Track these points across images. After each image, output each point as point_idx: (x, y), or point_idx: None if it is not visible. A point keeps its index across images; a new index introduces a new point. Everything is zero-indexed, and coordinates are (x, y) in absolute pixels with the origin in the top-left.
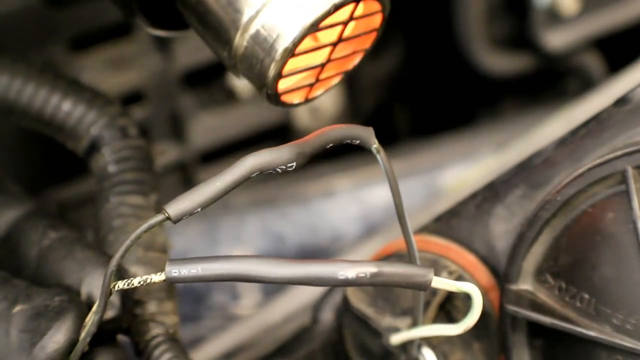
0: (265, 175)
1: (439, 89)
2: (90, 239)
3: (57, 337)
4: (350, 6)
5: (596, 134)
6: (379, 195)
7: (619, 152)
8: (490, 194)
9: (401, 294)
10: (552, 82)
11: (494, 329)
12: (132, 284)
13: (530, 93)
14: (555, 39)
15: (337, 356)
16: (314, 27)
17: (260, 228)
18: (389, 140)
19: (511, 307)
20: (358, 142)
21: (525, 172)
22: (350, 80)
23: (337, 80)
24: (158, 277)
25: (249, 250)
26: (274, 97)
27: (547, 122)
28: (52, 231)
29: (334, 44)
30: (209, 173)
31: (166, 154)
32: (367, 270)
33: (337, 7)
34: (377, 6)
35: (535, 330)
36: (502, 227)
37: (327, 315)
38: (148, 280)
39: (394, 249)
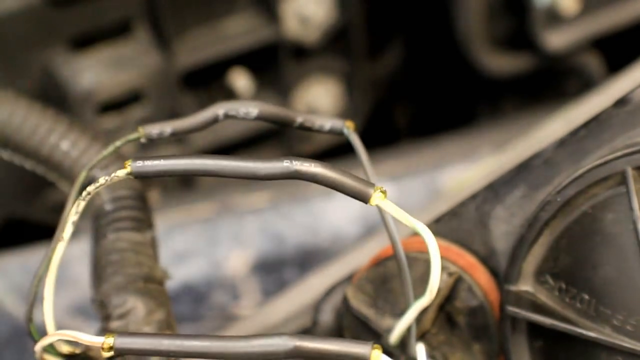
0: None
1: (439, 89)
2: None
3: None
4: None
5: (596, 135)
6: None
7: (619, 153)
8: (490, 194)
9: (401, 296)
10: (552, 82)
11: (494, 330)
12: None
13: (530, 93)
14: (555, 39)
15: None
16: None
17: (260, 228)
18: (389, 140)
19: (511, 308)
20: None
21: (526, 172)
22: (350, 80)
23: None
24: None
25: (249, 250)
26: None
27: (547, 122)
28: None
29: None
30: None
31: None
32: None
33: None
34: None
35: (535, 332)
36: (502, 228)
37: (327, 316)
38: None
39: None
